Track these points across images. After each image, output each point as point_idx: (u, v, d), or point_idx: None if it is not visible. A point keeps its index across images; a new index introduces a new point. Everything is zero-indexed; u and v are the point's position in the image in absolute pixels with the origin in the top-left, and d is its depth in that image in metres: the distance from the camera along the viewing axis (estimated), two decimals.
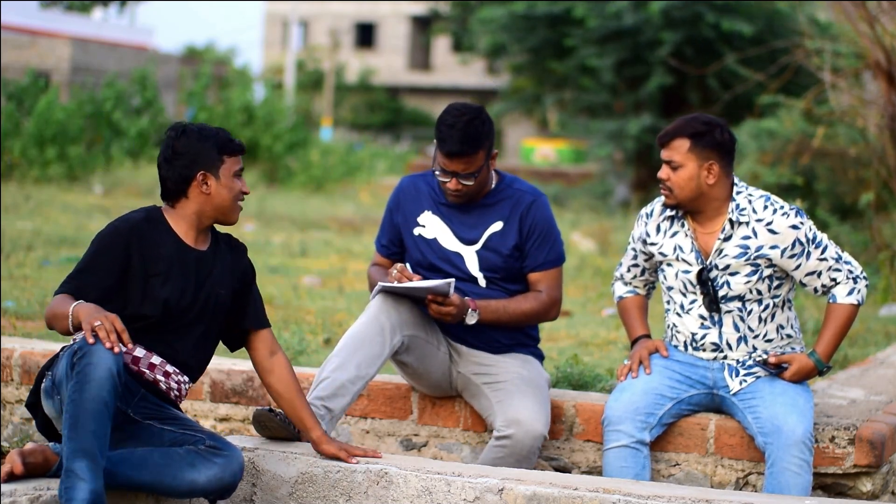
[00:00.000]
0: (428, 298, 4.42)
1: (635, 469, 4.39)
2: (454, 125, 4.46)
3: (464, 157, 4.47)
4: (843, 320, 4.42)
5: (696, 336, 4.51)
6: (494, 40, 22.65)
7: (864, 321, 7.80)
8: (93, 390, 3.47)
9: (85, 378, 3.48)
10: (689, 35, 19.95)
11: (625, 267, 4.73)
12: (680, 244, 4.49)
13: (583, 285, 9.96)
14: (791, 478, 4.24)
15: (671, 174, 4.41)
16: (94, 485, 3.43)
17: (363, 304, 7.55)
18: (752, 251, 4.39)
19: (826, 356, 4.43)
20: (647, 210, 4.63)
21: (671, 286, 4.54)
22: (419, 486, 3.96)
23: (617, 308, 4.83)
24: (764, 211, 4.40)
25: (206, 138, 3.90)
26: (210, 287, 3.91)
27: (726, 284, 4.43)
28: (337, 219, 15.93)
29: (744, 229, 4.41)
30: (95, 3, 46.78)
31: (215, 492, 3.75)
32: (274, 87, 28.74)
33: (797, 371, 4.42)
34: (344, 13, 55.28)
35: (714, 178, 4.39)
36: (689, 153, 4.39)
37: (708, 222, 4.47)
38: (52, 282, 7.86)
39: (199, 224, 3.94)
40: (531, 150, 36.31)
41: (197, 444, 3.73)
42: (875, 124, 9.98)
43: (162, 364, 3.86)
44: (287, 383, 4.02)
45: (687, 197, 4.42)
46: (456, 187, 4.54)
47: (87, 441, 3.45)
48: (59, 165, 18.86)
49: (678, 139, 4.41)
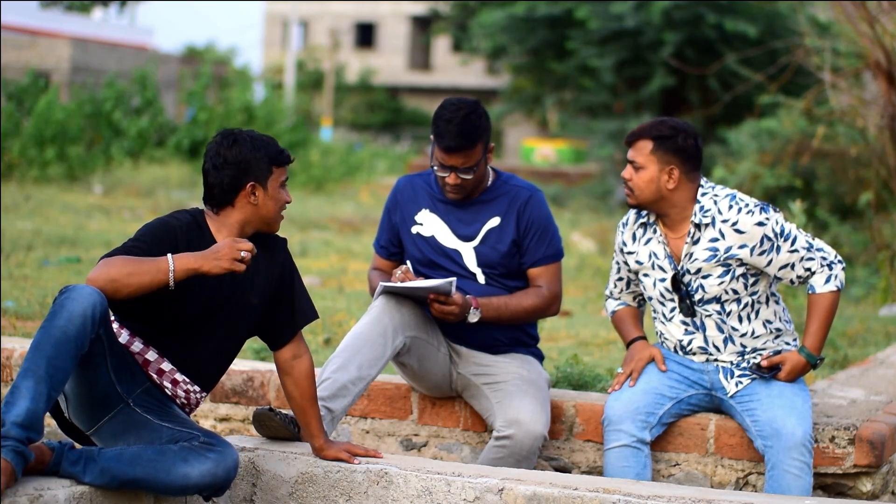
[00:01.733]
0: (430, 298, 4.42)
1: (636, 468, 4.39)
2: (451, 120, 4.46)
3: (462, 151, 4.48)
4: (827, 310, 4.40)
5: (682, 342, 4.52)
6: (495, 42, 22.66)
7: (863, 321, 7.80)
8: (62, 321, 3.50)
9: (60, 308, 3.52)
10: (690, 35, 19.96)
11: (612, 283, 4.74)
12: (654, 251, 4.50)
13: (583, 285, 9.97)
14: (791, 480, 4.24)
15: (633, 174, 4.43)
16: (34, 405, 3.45)
17: (363, 304, 7.56)
18: (721, 252, 4.38)
19: (816, 349, 4.41)
20: (623, 219, 4.64)
21: (651, 296, 4.55)
22: (419, 486, 3.96)
23: (612, 322, 4.83)
24: (729, 211, 4.38)
25: (258, 148, 3.85)
26: (240, 296, 3.87)
27: (700, 288, 4.43)
28: (337, 219, 15.93)
29: (711, 231, 4.40)
30: (95, 3, 46.78)
31: (209, 487, 3.71)
32: (274, 87, 28.77)
33: (791, 370, 4.41)
34: (344, 13, 55.27)
35: (674, 182, 4.40)
36: (650, 155, 4.40)
37: (676, 226, 4.47)
38: (52, 282, 7.87)
39: (242, 233, 3.88)
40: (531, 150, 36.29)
41: (191, 441, 3.73)
42: (875, 124, 9.99)
43: (171, 371, 3.83)
44: (302, 389, 3.99)
45: (647, 199, 4.43)
46: (455, 182, 4.54)
47: (41, 364, 3.48)
48: (59, 165, 18.87)
49: (642, 140, 4.43)
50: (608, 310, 4.81)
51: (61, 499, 3.54)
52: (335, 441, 4.12)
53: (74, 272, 8.53)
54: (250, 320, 3.91)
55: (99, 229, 12.22)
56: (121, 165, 20.61)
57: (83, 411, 3.77)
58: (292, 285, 3.97)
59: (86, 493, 3.60)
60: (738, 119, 16.21)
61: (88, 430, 3.78)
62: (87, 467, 3.61)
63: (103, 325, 3.60)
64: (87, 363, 3.63)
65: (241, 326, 3.91)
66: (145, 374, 3.81)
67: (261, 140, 3.87)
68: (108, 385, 3.72)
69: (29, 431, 3.45)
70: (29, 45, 31.45)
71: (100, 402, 3.74)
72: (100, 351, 3.66)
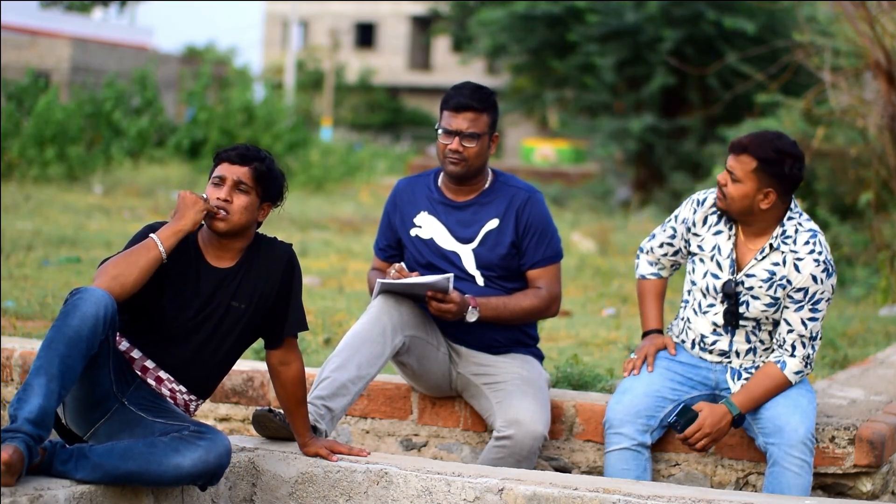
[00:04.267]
0: (428, 296, 4.42)
1: (637, 472, 4.39)
2: (464, 85, 4.58)
3: (470, 110, 4.50)
4: (778, 388, 4.35)
5: (705, 339, 4.49)
6: (494, 41, 22.66)
7: (864, 321, 7.80)
8: (75, 321, 3.54)
9: (72, 309, 3.55)
10: (689, 33, 19.96)
11: (657, 241, 4.63)
12: (720, 245, 4.44)
13: (583, 285, 9.96)
14: (791, 478, 4.24)
15: (729, 183, 4.34)
16: (45, 402, 3.47)
17: (363, 304, 7.56)
18: (776, 278, 4.35)
19: (744, 407, 4.34)
20: (700, 196, 4.53)
21: (695, 282, 4.49)
22: (419, 486, 3.96)
23: (636, 286, 4.76)
24: (804, 246, 4.33)
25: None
26: (221, 301, 3.89)
27: (746, 304, 4.40)
28: (337, 219, 15.92)
29: (777, 255, 4.36)
30: (95, 3, 46.78)
31: (202, 475, 3.70)
32: (274, 87, 28.75)
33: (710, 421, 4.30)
34: (344, 13, 55.28)
35: (768, 204, 4.32)
36: (752, 173, 4.30)
37: (753, 237, 4.42)
38: (52, 282, 7.86)
39: (211, 238, 3.92)
40: (531, 150, 36.30)
41: (181, 431, 3.73)
42: (875, 124, 9.98)
43: (155, 369, 3.87)
44: (288, 393, 4.02)
45: (737, 210, 4.36)
46: (457, 148, 4.52)
47: (54, 362, 3.51)
48: (59, 165, 18.87)
49: (747, 155, 4.31)
50: (638, 269, 4.72)
51: (61, 499, 3.54)
52: (318, 438, 4.14)
53: (74, 272, 8.53)
54: (239, 326, 3.92)
55: (99, 229, 12.21)
56: (121, 165, 20.60)
57: (80, 415, 3.78)
58: (289, 296, 3.98)
59: (86, 492, 3.60)
60: (738, 119, 16.19)
61: (86, 434, 3.79)
62: (78, 464, 3.61)
63: (111, 328, 3.64)
64: (92, 364, 3.66)
65: (230, 332, 3.92)
66: (134, 371, 3.85)
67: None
68: (107, 386, 3.75)
69: (40, 429, 3.47)
70: (29, 45, 31.45)
71: (97, 404, 3.76)
72: (105, 352, 3.70)
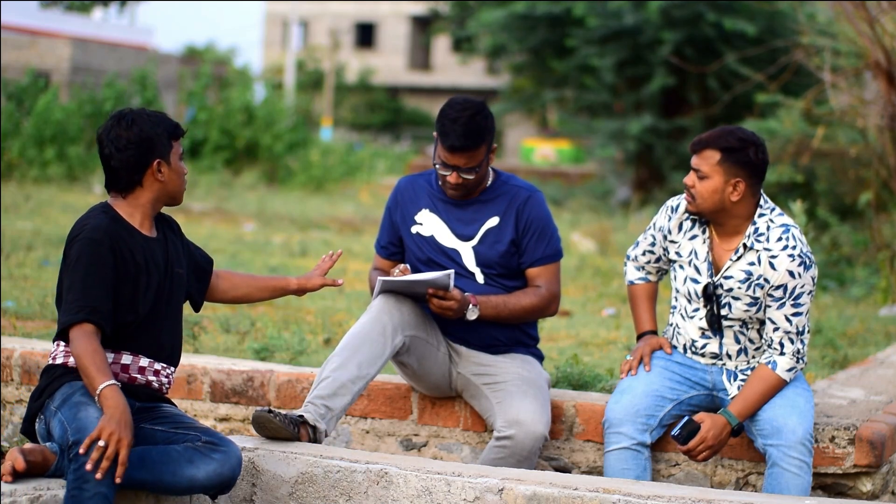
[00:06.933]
0: (429, 293, 4.42)
1: (636, 471, 4.39)
2: (457, 120, 4.46)
3: (466, 151, 4.48)
4: (772, 390, 4.33)
5: (696, 343, 4.50)
6: (494, 41, 22.67)
7: (864, 321, 7.80)
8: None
9: (79, 499, 3.51)
10: (689, 34, 19.96)
11: (640, 249, 4.65)
12: (696, 249, 4.45)
13: (583, 285, 9.96)
14: (791, 479, 4.24)
15: (697, 182, 4.34)
16: None
17: (363, 304, 7.56)
18: (753, 278, 4.34)
19: (741, 415, 4.32)
20: (673, 203, 4.54)
21: (678, 288, 4.51)
22: (419, 486, 3.96)
23: (627, 291, 4.78)
24: (776, 242, 4.32)
25: (157, 124, 3.86)
26: (172, 270, 3.94)
27: (728, 306, 4.40)
28: (337, 219, 15.93)
29: (752, 255, 4.35)
30: (95, 3, 46.76)
31: (215, 487, 3.75)
32: (274, 87, 28.75)
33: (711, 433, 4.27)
34: (344, 13, 55.28)
35: (738, 195, 4.32)
36: (717, 166, 4.31)
37: (727, 238, 4.41)
38: (52, 282, 7.86)
39: (153, 211, 3.92)
40: (531, 150, 36.33)
41: (193, 442, 3.74)
42: (875, 124, 9.98)
43: (150, 364, 3.87)
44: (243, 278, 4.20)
45: (708, 208, 4.35)
46: (456, 181, 4.54)
47: None
48: (59, 165, 18.87)
49: (710, 150, 4.32)
50: (626, 275, 4.74)
51: (61, 499, 3.54)
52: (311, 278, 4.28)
53: None
54: (184, 289, 4.02)
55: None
56: None
57: None
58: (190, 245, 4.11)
59: None
60: (738, 119, 16.18)
61: None
62: None
63: None
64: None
65: (181, 296, 4.01)
66: (125, 389, 3.75)
67: (156, 116, 3.89)
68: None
69: None
70: (29, 45, 31.44)
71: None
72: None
